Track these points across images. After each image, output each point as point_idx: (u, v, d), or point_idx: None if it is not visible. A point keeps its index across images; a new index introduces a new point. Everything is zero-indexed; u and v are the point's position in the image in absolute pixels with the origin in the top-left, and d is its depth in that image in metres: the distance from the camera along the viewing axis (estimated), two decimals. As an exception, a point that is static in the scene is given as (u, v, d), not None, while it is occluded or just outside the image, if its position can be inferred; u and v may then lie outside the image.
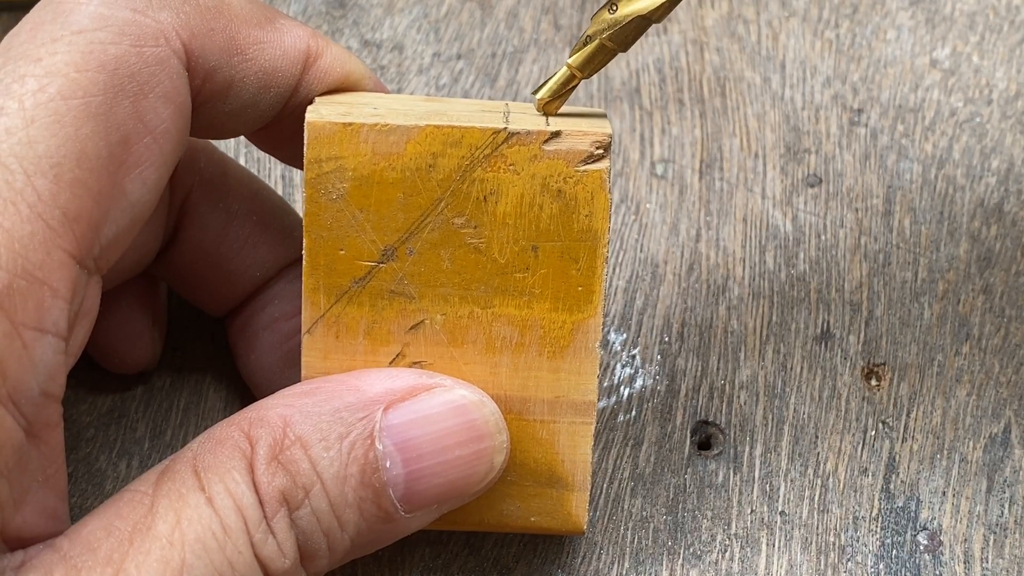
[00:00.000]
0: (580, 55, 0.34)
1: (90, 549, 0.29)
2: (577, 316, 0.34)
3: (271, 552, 0.30)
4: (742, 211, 0.45)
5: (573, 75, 0.34)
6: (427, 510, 0.32)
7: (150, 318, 0.40)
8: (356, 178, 0.33)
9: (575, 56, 0.34)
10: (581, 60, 0.34)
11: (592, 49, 0.34)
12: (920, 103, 0.47)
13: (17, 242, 0.28)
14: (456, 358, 0.34)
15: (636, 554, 0.39)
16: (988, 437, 0.41)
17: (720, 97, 0.47)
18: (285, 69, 0.34)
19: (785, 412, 0.41)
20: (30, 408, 0.28)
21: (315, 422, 0.31)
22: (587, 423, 0.35)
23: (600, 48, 0.34)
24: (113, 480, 0.39)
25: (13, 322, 0.27)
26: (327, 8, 0.48)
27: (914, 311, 0.43)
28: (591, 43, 0.34)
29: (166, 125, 0.31)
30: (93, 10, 0.30)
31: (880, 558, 0.39)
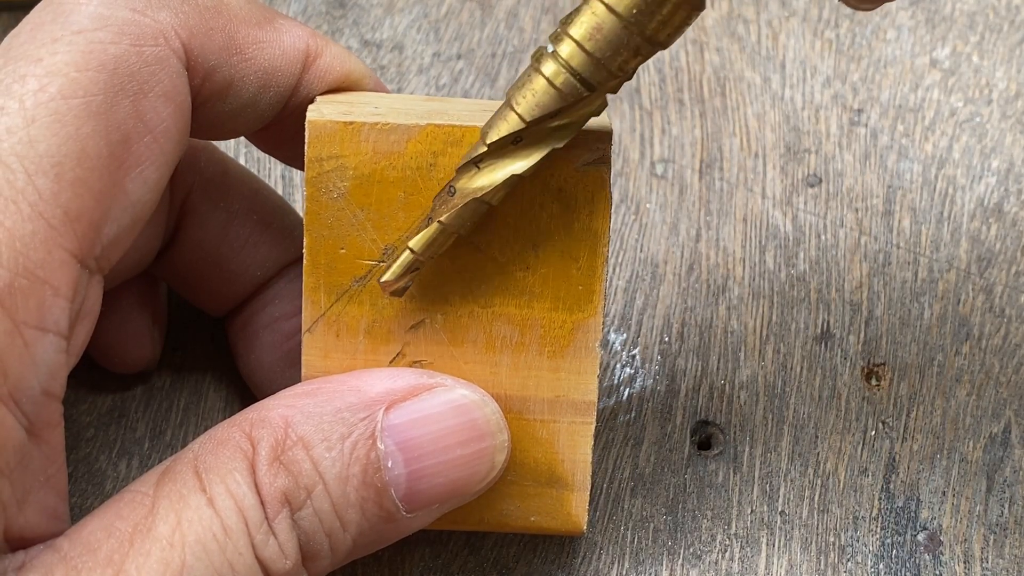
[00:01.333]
0: (421, 238, 0.32)
1: (90, 550, 0.29)
2: (577, 315, 0.34)
3: (272, 553, 0.30)
4: (742, 211, 0.45)
5: (417, 259, 0.32)
6: (428, 510, 0.32)
7: (150, 318, 0.40)
8: (357, 177, 0.33)
9: (416, 239, 0.32)
10: (422, 244, 0.32)
11: (433, 232, 0.32)
12: (920, 103, 0.47)
13: (18, 241, 0.28)
14: (456, 357, 0.34)
15: (636, 554, 0.39)
16: (988, 437, 0.41)
17: (720, 97, 0.47)
18: (284, 68, 0.34)
19: (785, 412, 0.41)
20: (31, 407, 0.28)
21: (317, 422, 0.31)
22: (587, 423, 0.35)
23: (440, 230, 0.32)
24: (113, 480, 0.39)
25: (14, 321, 0.27)
26: (327, 8, 0.48)
27: (914, 311, 0.43)
28: (431, 225, 0.32)
29: (166, 124, 0.31)
30: (93, 10, 0.30)
31: (880, 558, 0.39)
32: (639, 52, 0.30)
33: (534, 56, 0.31)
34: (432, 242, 0.32)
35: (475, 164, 0.31)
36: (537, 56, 0.30)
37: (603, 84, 0.30)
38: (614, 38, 0.29)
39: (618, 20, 0.29)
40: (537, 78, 0.30)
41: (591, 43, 0.29)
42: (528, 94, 0.30)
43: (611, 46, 0.29)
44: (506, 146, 0.31)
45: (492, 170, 0.31)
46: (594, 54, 0.29)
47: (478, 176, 0.31)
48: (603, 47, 0.29)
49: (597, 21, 0.29)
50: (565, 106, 0.30)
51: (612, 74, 0.30)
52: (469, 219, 0.32)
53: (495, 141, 0.31)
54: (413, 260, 0.32)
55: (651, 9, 0.29)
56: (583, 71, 0.30)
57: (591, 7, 0.29)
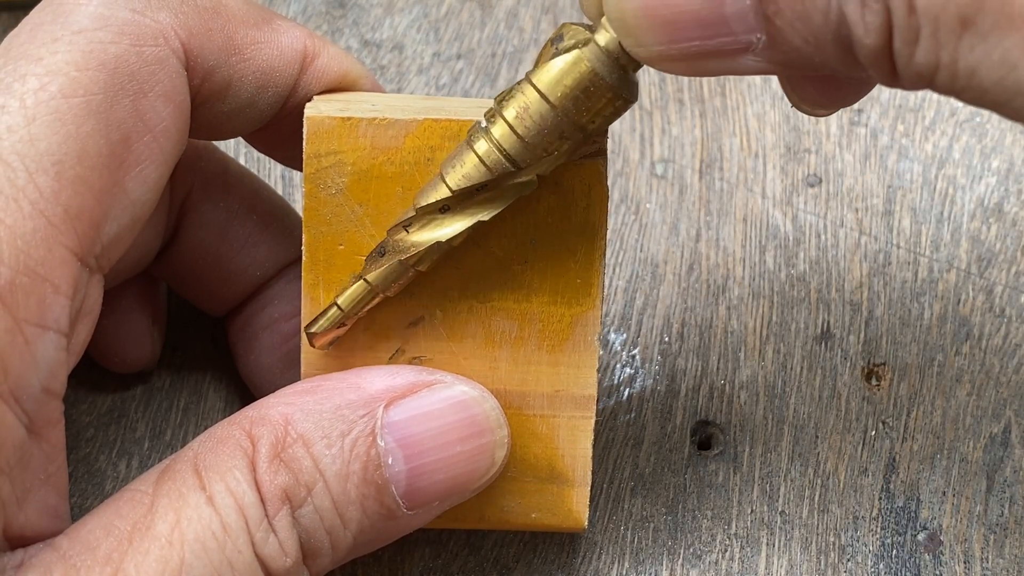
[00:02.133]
0: (348, 295, 0.33)
1: (89, 548, 0.29)
2: (576, 309, 0.34)
3: (272, 551, 0.30)
4: (742, 211, 0.45)
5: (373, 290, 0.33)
6: (429, 507, 0.32)
7: (150, 317, 0.40)
8: (355, 172, 0.33)
9: (343, 296, 0.33)
10: (348, 301, 0.33)
11: (359, 290, 0.33)
12: (920, 103, 0.47)
13: (19, 238, 0.28)
14: (455, 353, 0.34)
15: (636, 554, 0.39)
16: (988, 437, 0.41)
17: (720, 97, 0.47)
18: (282, 69, 0.34)
19: (785, 412, 0.41)
20: (32, 405, 0.28)
21: (316, 420, 0.31)
22: (587, 417, 0.35)
23: (367, 289, 0.33)
24: (113, 480, 0.39)
25: (15, 318, 0.27)
26: (327, 8, 0.48)
27: (914, 311, 0.43)
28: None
29: (166, 124, 0.31)
30: (93, 10, 0.30)
31: (880, 558, 0.39)
32: (568, 138, 0.30)
33: (470, 131, 0.31)
34: (358, 300, 0.33)
35: (404, 227, 0.32)
36: (472, 132, 0.31)
37: (531, 164, 0.31)
38: (544, 123, 0.30)
39: (551, 108, 0.30)
40: (468, 153, 0.31)
41: (521, 126, 0.30)
42: (458, 166, 0.31)
43: (540, 130, 0.30)
44: (433, 213, 0.32)
45: (419, 235, 0.32)
46: (524, 137, 0.30)
47: (406, 239, 0.32)
48: (532, 130, 0.30)
49: (529, 105, 0.30)
50: (492, 180, 0.31)
51: (538, 156, 0.31)
52: (394, 280, 0.32)
53: (422, 207, 0.32)
54: (340, 316, 0.33)
55: (584, 101, 0.30)
56: (512, 151, 0.30)
57: (524, 92, 0.30)
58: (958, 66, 0.24)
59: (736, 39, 0.27)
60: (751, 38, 0.26)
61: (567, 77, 0.29)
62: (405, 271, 0.32)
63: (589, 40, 0.29)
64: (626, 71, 0.30)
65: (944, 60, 0.24)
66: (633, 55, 0.29)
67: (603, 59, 0.29)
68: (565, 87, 0.30)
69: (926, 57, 0.24)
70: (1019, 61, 0.23)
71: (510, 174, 0.31)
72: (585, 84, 0.29)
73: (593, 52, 0.29)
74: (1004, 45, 0.23)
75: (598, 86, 0.29)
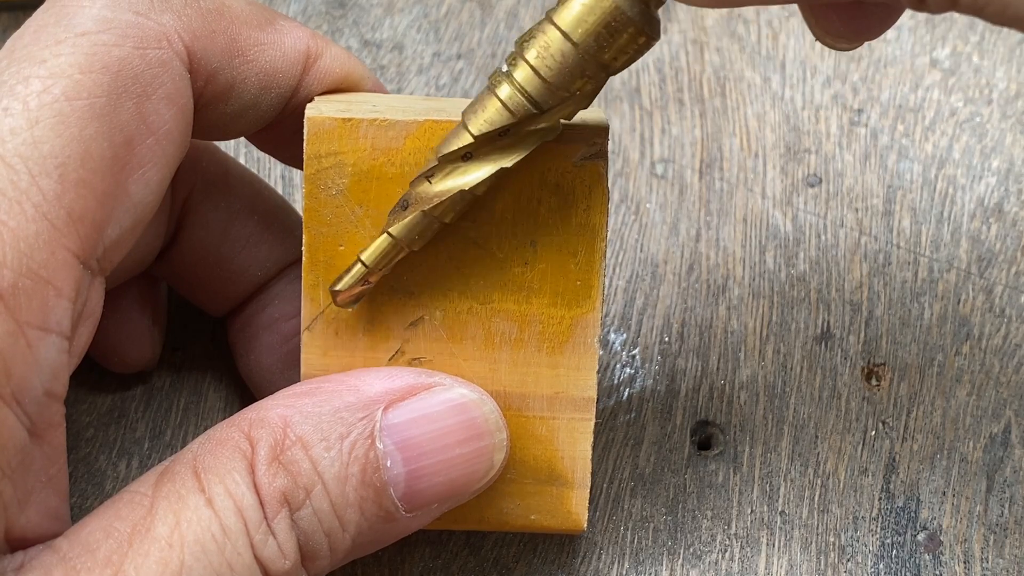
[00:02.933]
0: (372, 250, 0.32)
1: (89, 550, 0.29)
2: (576, 311, 0.34)
3: (271, 553, 0.30)
4: (742, 211, 0.45)
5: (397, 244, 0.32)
6: (428, 509, 0.32)
7: (150, 317, 0.40)
8: (355, 173, 0.33)
9: (367, 251, 0.32)
10: (373, 256, 0.32)
11: (383, 244, 0.32)
12: (920, 103, 0.47)
13: (22, 241, 0.28)
14: (455, 354, 0.34)
15: (636, 554, 0.39)
16: (988, 437, 0.41)
17: (720, 97, 0.47)
18: (285, 70, 0.34)
19: (785, 412, 0.41)
20: (33, 407, 0.28)
21: (315, 422, 0.31)
22: (586, 419, 0.35)
23: (391, 243, 0.32)
24: (113, 480, 0.39)
25: (18, 321, 0.27)
26: (327, 8, 0.48)
27: (914, 311, 0.43)
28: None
29: (169, 126, 0.31)
30: (96, 13, 0.30)
31: (880, 558, 0.39)
32: (591, 77, 0.30)
33: (491, 77, 0.31)
34: (383, 255, 0.32)
35: (427, 178, 0.32)
36: (493, 77, 0.31)
37: (554, 107, 0.30)
38: (566, 62, 0.30)
39: (573, 47, 0.30)
40: (490, 98, 0.31)
41: (544, 67, 0.30)
42: (479, 111, 0.31)
43: (563, 70, 0.30)
44: (456, 161, 0.31)
45: (442, 184, 0.31)
46: (547, 79, 0.30)
47: (429, 190, 0.32)
48: (555, 71, 0.30)
49: (550, 45, 0.30)
50: (515, 122, 0.31)
51: (561, 97, 0.30)
52: (418, 233, 0.32)
53: (445, 155, 0.31)
54: (364, 273, 0.32)
55: (606, 38, 0.29)
56: (535, 93, 0.30)
57: (545, 32, 0.30)
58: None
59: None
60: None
61: (589, 14, 0.29)
62: (430, 223, 0.32)
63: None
64: (648, 5, 0.29)
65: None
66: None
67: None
68: (587, 24, 0.29)
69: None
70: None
71: (532, 117, 0.31)
72: (608, 20, 0.29)
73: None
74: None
75: (621, 21, 0.29)
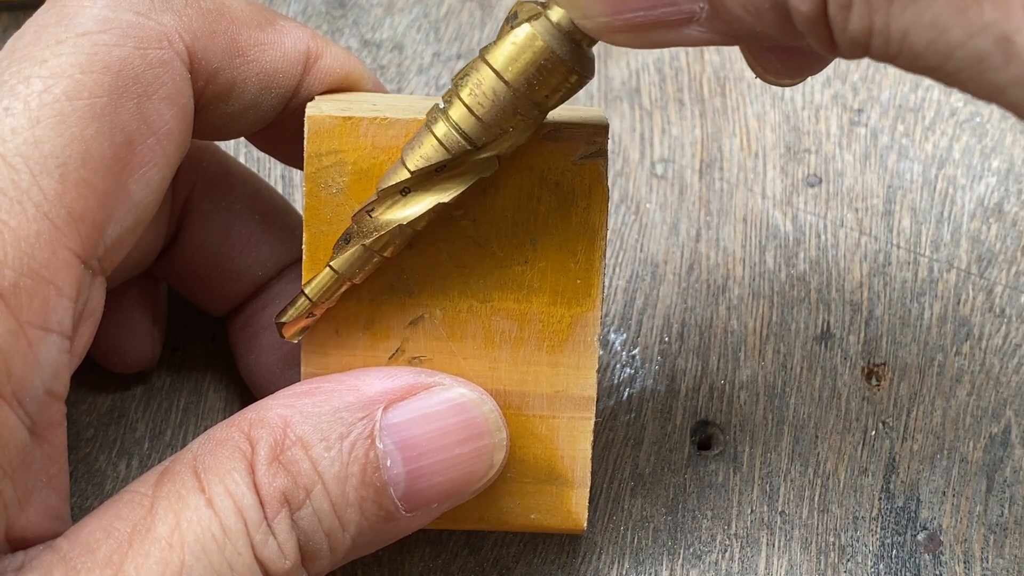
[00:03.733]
0: (316, 284, 0.33)
1: (89, 550, 0.29)
2: (576, 310, 0.34)
3: (272, 553, 0.30)
4: (742, 211, 0.45)
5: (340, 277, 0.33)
6: (428, 509, 0.32)
7: (150, 317, 0.40)
8: (356, 172, 0.33)
9: (311, 285, 0.33)
10: (316, 290, 0.33)
11: (326, 278, 0.33)
12: (920, 103, 0.47)
13: (23, 241, 0.28)
14: (455, 353, 0.34)
15: (636, 554, 0.39)
16: (988, 437, 0.41)
17: (720, 97, 0.47)
18: (286, 70, 0.34)
19: (785, 412, 0.41)
20: (34, 407, 0.28)
21: (315, 422, 0.31)
22: (586, 418, 0.35)
23: (334, 277, 0.33)
24: (113, 480, 0.39)
25: (19, 320, 0.27)
26: (327, 8, 0.48)
27: (914, 311, 0.43)
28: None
29: (169, 126, 0.31)
30: (97, 13, 0.30)
31: (880, 558, 0.39)
32: (524, 115, 0.30)
33: (429, 113, 0.31)
34: (325, 288, 0.33)
35: (367, 212, 0.32)
36: (431, 113, 0.31)
37: (488, 143, 0.31)
38: (499, 101, 0.30)
39: (505, 86, 0.30)
40: (427, 135, 0.31)
41: (477, 105, 0.30)
42: (416, 147, 0.31)
43: (496, 108, 0.30)
44: (394, 195, 0.31)
45: (381, 218, 0.32)
46: (480, 117, 0.30)
47: (369, 224, 0.32)
48: (488, 109, 0.30)
49: (483, 83, 0.30)
50: (450, 158, 0.31)
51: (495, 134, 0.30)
52: (359, 267, 0.32)
53: (383, 190, 0.31)
54: (309, 306, 0.33)
55: (538, 77, 0.29)
56: (469, 130, 0.30)
57: (479, 71, 0.30)
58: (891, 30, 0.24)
59: (679, 9, 0.27)
60: (694, 8, 0.26)
61: (521, 54, 0.29)
62: (370, 256, 0.32)
63: (540, 15, 0.29)
64: (580, 46, 0.29)
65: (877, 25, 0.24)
66: (581, 27, 0.28)
67: (555, 34, 0.29)
68: (519, 64, 0.29)
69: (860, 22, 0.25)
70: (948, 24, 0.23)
71: (468, 153, 0.31)
72: (539, 60, 0.29)
73: (545, 27, 0.29)
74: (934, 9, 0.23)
75: (552, 62, 0.29)
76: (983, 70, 0.24)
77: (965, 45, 0.23)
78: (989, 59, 0.23)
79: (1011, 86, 0.23)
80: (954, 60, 0.24)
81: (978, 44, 0.23)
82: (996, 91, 0.24)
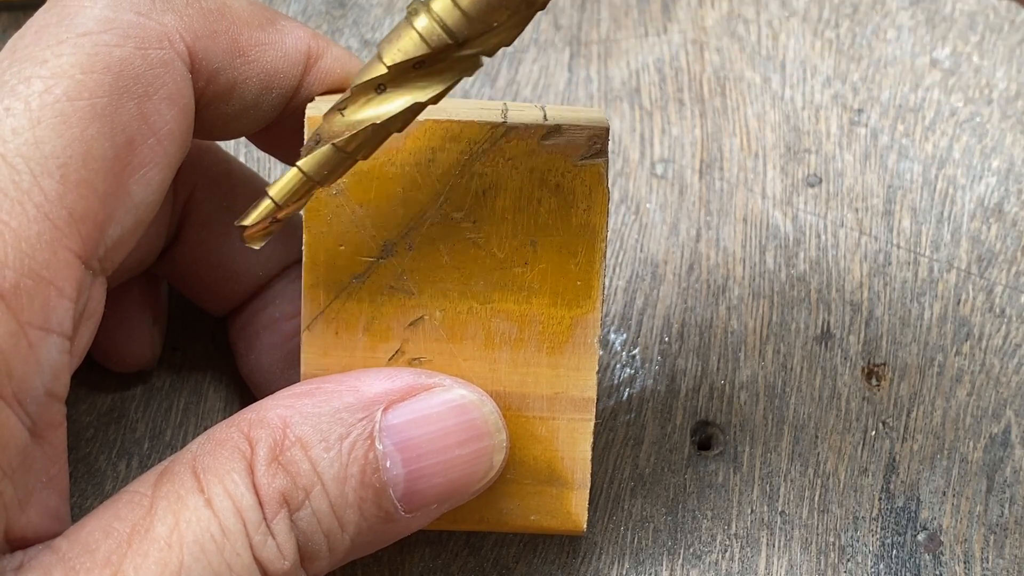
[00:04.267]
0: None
1: (88, 550, 0.29)
2: (576, 311, 0.34)
3: (271, 554, 0.30)
4: (742, 211, 0.45)
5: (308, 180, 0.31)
6: (427, 510, 0.32)
7: (150, 317, 0.40)
8: (356, 173, 0.33)
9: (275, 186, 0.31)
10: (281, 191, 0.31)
11: (291, 178, 0.31)
12: (920, 103, 0.47)
13: (24, 241, 0.28)
14: (455, 354, 0.34)
15: (636, 554, 0.39)
16: (988, 437, 0.41)
17: (720, 97, 0.47)
18: (286, 70, 0.34)
19: (785, 412, 0.41)
20: (35, 408, 0.28)
21: (315, 423, 0.31)
22: (586, 420, 0.35)
23: (300, 178, 0.31)
24: (113, 480, 0.39)
25: (19, 321, 0.27)
26: (327, 8, 0.48)
27: (914, 311, 0.43)
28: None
29: (170, 126, 0.31)
30: (98, 13, 0.30)
31: (880, 558, 0.39)
32: (513, 11, 0.28)
33: (409, 6, 0.29)
34: (292, 191, 0.31)
35: (339, 110, 0.30)
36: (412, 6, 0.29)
37: (472, 38, 0.29)
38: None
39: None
40: (407, 28, 0.29)
41: None
42: (394, 40, 0.29)
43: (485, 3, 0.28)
44: (369, 92, 0.30)
45: (354, 116, 0.30)
46: (465, 9, 0.28)
47: (340, 122, 0.30)
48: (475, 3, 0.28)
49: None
50: (430, 53, 0.29)
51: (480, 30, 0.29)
52: (329, 168, 0.30)
53: (358, 86, 0.30)
54: (273, 208, 0.31)
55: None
56: (452, 24, 0.28)
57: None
58: None
59: None
60: None
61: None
62: (342, 159, 0.30)
63: None
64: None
65: None
66: None
67: None
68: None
69: None
70: None
71: (449, 48, 0.29)
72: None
73: None
74: None
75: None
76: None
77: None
78: None
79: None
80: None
81: None
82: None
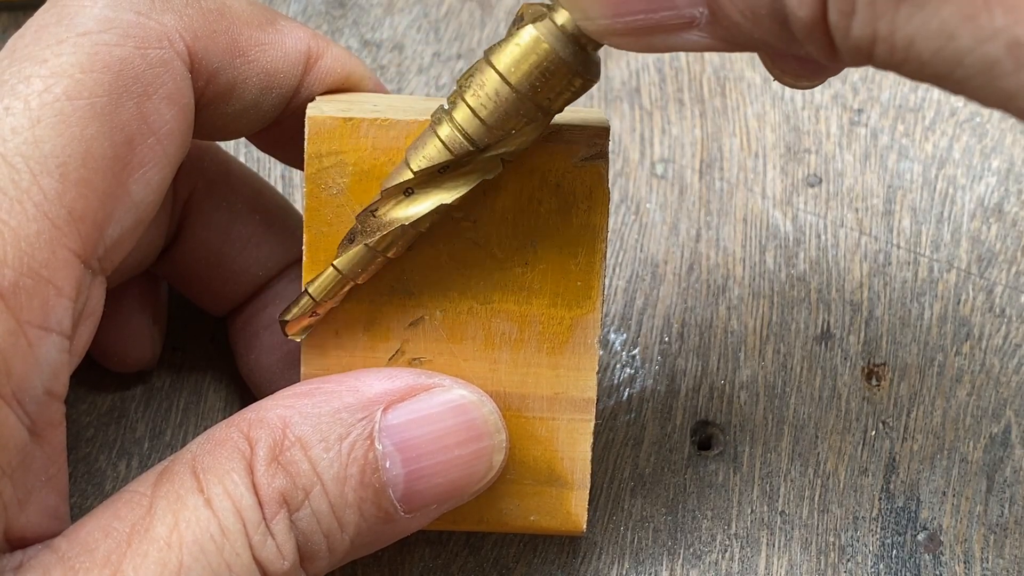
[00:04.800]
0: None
1: (88, 550, 0.29)
2: (576, 312, 0.34)
3: (270, 554, 0.30)
4: (742, 211, 0.45)
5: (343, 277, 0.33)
6: (426, 510, 0.32)
7: (150, 317, 0.40)
8: (356, 173, 0.33)
9: (314, 284, 0.33)
10: (320, 289, 0.33)
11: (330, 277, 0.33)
12: (920, 103, 0.47)
13: (23, 240, 0.28)
14: (455, 354, 0.34)
15: (636, 554, 0.39)
16: (988, 437, 0.41)
17: (720, 97, 0.47)
18: (286, 70, 0.34)
19: (785, 412, 0.41)
20: (34, 407, 0.28)
21: (315, 423, 0.31)
22: (586, 420, 0.35)
23: (336, 277, 0.33)
24: (113, 480, 0.39)
25: (18, 320, 0.27)
26: (327, 8, 0.48)
27: (914, 311, 0.43)
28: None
29: (170, 126, 0.31)
30: (98, 12, 0.30)
31: (880, 558, 0.39)
32: (529, 118, 0.30)
33: (433, 114, 0.31)
34: (329, 288, 0.33)
35: (371, 212, 0.32)
36: (436, 114, 0.31)
37: (492, 145, 0.30)
38: (504, 104, 0.30)
39: (509, 89, 0.29)
40: (431, 136, 0.31)
41: (482, 108, 0.30)
42: (420, 148, 0.31)
43: (500, 112, 0.30)
44: (398, 196, 0.31)
45: (384, 218, 0.32)
46: (484, 119, 0.30)
47: (372, 224, 0.32)
48: (492, 112, 0.30)
49: (487, 85, 0.30)
50: (453, 159, 0.31)
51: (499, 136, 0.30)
52: (363, 267, 0.32)
53: (387, 190, 0.31)
54: (312, 305, 0.33)
55: (541, 81, 0.29)
56: (473, 133, 0.30)
57: (483, 73, 0.30)
58: (896, 37, 0.23)
59: (679, 13, 0.26)
60: (694, 12, 0.26)
61: (525, 57, 0.29)
62: (373, 257, 0.32)
63: (545, 17, 0.29)
64: (584, 49, 0.29)
65: (882, 32, 0.23)
66: (583, 29, 0.28)
67: (560, 37, 0.29)
68: (523, 67, 0.29)
69: (863, 29, 0.24)
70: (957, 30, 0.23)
71: (471, 154, 0.31)
72: (543, 64, 0.29)
73: (549, 30, 0.29)
74: (941, 15, 0.23)
75: (556, 65, 0.29)
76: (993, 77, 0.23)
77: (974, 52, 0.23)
78: (1000, 65, 0.23)
79: (1022, 91, 0.23)
80: (963, 67, 0.23)
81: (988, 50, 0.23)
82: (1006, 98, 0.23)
